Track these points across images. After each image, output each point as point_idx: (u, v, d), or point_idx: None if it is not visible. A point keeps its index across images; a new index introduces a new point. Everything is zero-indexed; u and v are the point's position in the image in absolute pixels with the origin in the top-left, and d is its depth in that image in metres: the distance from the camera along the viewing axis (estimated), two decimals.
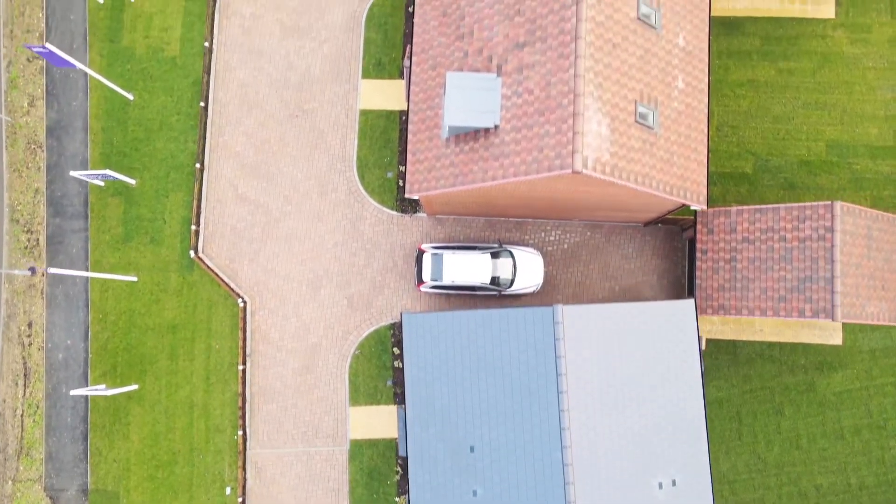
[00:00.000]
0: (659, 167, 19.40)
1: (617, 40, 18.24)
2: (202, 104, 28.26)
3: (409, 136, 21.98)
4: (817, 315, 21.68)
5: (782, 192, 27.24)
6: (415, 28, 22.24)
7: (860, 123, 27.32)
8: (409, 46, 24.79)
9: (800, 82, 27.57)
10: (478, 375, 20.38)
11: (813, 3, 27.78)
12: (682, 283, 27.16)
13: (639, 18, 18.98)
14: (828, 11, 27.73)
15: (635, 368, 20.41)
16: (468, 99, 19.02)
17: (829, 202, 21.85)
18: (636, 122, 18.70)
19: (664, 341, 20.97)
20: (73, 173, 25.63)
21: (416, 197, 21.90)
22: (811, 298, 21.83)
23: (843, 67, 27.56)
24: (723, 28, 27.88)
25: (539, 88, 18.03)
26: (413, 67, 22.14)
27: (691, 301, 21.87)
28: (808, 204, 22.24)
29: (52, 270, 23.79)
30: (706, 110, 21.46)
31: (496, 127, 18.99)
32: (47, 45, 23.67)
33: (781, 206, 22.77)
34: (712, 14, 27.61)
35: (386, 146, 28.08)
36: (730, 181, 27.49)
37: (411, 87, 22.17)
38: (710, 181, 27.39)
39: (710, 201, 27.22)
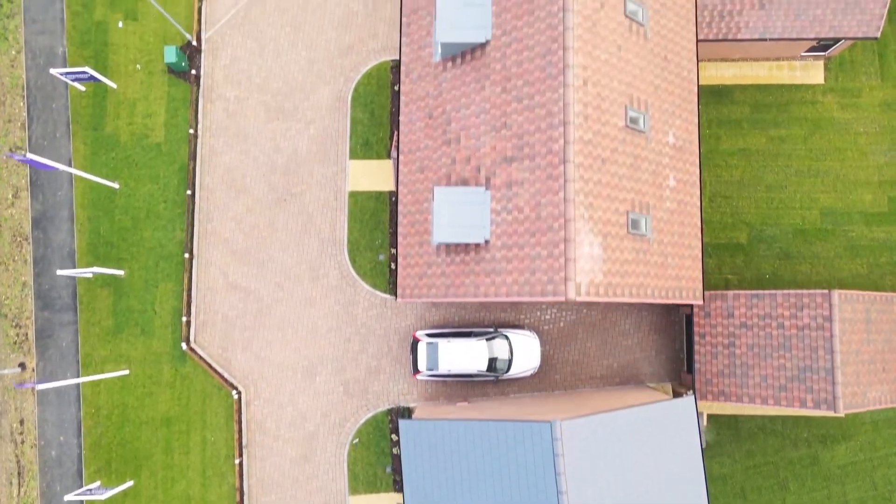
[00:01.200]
0: (653, 273, 19.11)
1: (606, 154, 17.96)
2: (189, 192, 27.91)
3: (399, 239, 21.67)
4: (819, 406, 21.41)
5: (778, 261, 26.99)
6: (401, 126, 21.95)
7: (854, 190, 27.09)
8: (396, 134, 24.46)
9: (791, 150, 27.33)
10: (477, 487, 20.04)
11: (801, 69, 27.57)
12: (680, 358, 26.85)
13: (627, 126, 18.72)
14: (817, 77, 27.52)
15: (637, 473, 20.08)
16: (457, 213, 18.72)
17: (827, 291, 21.60)
18: (629, 233, 18.41)
19: (666, 442, 20.67)
20: (59, 272, 25.25)
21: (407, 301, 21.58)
22: (812, 388, 21.56)
23: (835, 133, 27.34)
24: (712, 97, 27.64)
25: (529, 207, 17.73)
26: (401, 167, 21.83)
27: (691, 399, 21.58)
28: (805, 292, 21.98)
29: (41, 386, 23.38)
30: (699, 203, 21.21)
31: (487, 242, 18.68)
32: (29, 155, 23.31)
33: (778, 292, 22.50)
34: (701, 83, 27.48)
35: (377, 228, 27.75)
36: (725, 252, 27.22)
37: (399, 188, 21.84)
38: (705, 253, 27.18)
39: (706, 274, 26.95)
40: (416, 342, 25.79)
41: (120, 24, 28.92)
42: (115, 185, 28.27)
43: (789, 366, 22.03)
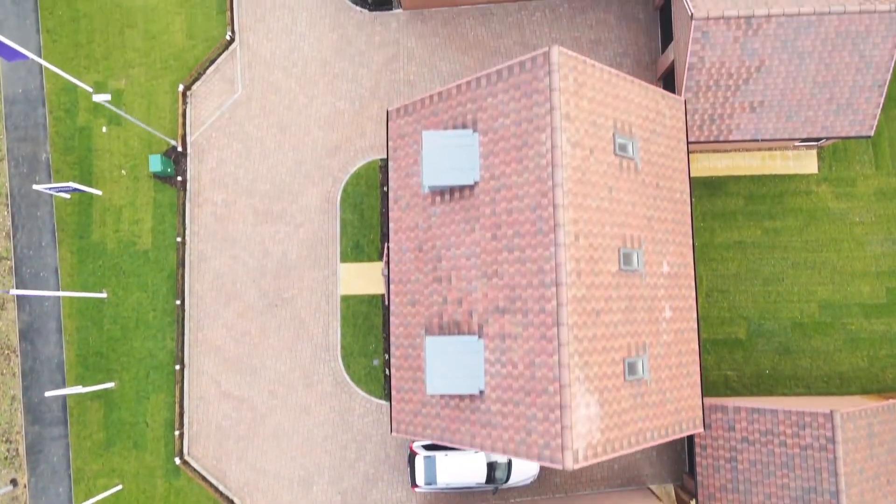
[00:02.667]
0: (652, 415, 18.73)
1: (600, 306, 17.59)
2: (178, 301, 27.47)
3: (393, 371, 21.27)
4: None
5: (778, 356, 26.63)
6: (391, 254, 21.57)
7: (851, 281, 26.76)
8: (386, 247, 24.05)
9: (787, 241, 27.00)
10: None
11: (795, 159, 27.26)
12: (682, 458, 26.47)
13: (621, 270, 18.36)
14: (810, 166, 27.22)
15: None
16: (450, 363, 18.34)
17: (829, 411, 21.25)
18: (626, 380, 18.04)
19: None
20: (48, 394, 24.78)
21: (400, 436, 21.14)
22: None
23: (830, 224, 27.02)
24: (705, 189, 27.32)
25: (523, 364, 17.35)
26: (392, 297, 21.43)
27: None
28: (806, 410, 21.64)
29: None
30: (696, 327, 20.86)
31: (481, 392, 18.29)
32: (13, 290, 22.88)
33: (780, 408, 22.14)
34: (694, 175, 27.17)
35: (370, 332, 27.34)
36: (723, 348, 26.86)
37: (392, 319, 21.43)
38: (703, 349, 26.84)
39: (704, 370, 26.63)
40: (413, 455, 25.36)
41: (104, 130, 28.52)
42: (103, 295, 27.82)
43: (793, 486, 21.67)
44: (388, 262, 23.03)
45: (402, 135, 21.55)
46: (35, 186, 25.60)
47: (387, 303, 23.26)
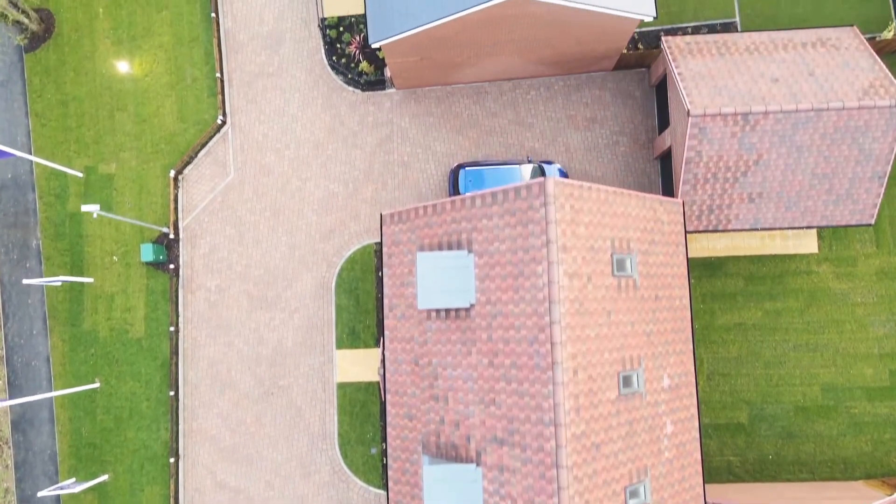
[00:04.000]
0: None
1: (600, 439, 17.24)
2: (171, 392, 27.08)
3: (391, 485, 20.89)
4: None
5: (781, 441, 26.27)
6: (387, 364, 21.22)
7: (854, 364, 26.41)
8: (382, 342, 23.67)
9: (788, 323, 26.66)
10: None
11: (795, 238, 26.93)
12: None
13: (620, 395, 18.01)
14: (810, 246, 26.88)
15: None
16: (448, 490, 17.96)
17: None
18: None
19: None
20: (40, 494, 24.39)
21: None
22: None
23: (832, 305, 26.68)
24: (705, 270, 26.98)
25: (522, 501, 16.98)
26: (388, 408, 21.07)
27: None
28: None
29: None
30: (697, 436, 20.50)
31: None
32: (3, 402, 22.50)
33: None
34: (693, 255, 26.85)
35: (367, 420, 26.95)
36: (725, 433, 26.49)
37: (388, 430, 21.07)
38: (705, 434, 26.48)
39: (706, 457, 26.27)
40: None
41: (95, 215, 28.12)
42: (96, 385, 27.43)
43: None
44: (383, 362, 22.69)
45: (397, 242, 21.21)
46: (25, 281, 25.21)
47: (383, 399, 22.89)
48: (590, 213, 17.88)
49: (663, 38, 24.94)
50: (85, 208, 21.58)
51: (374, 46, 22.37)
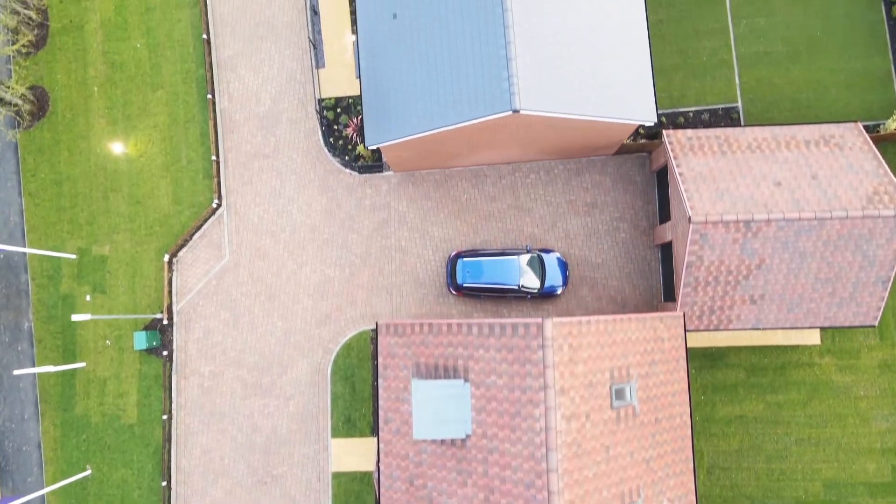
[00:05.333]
0: None
1: None
2: (164, 482, 26.69)
3: None
4: None
5: None
6: (381, 480, 20.84)
7: (856, 459, 26.02)
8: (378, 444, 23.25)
9: (790, 416, 26.27)
10: None
11: (796, 330, 26.55)
12: None
13: None
14: (813, 337, 26.50)
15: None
16: None
17: None
18: None
19: None
20: None
21: None
22: None
23: (834, 398, 26.30)
24: (706, 360, 26.60)
25: None
26: None
27: None
28: None
29: None
30: None
31: None
32: None
33: None
34: (693, 346, 26.47)
35: None
36: None
37: None
38: None
39: None
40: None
41: (88, 298, 27.79)
42: (87, 473, 27.05)
43: None
44: (378, 465, 22.29)
45: (393, 355, 20.84)
46: (16, 372, 24.85)
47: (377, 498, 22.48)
48: (588, 348, 17.53)
49: (665, 132, 24.61)
50: (76, 318, 21.22)
51: (370, 149, 22.08)
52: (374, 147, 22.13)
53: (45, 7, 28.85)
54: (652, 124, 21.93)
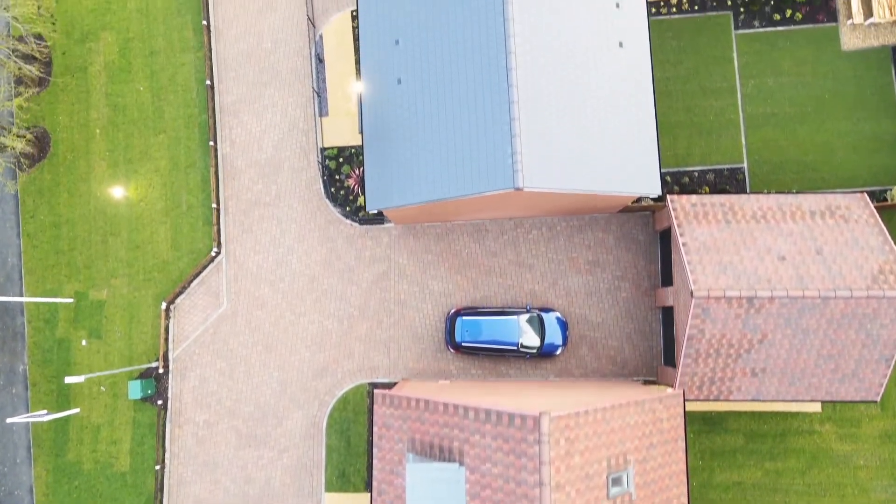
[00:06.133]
0: None
1: None
2: None
3: None
4: None
5: None
6: None
7: None
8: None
9: (789, 485, 25.99)
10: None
11: None
12: None
13: None
14: (813, 405, 26.20)
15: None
16: None
17: None
18: None
19: None
20: None
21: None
22: None
23: (833, 467, 26.00)
24: (704, 425, 26.33)
25: None
26: None
27: None
28: None
29: None
30: None
31: None
32: None
33: None
34: (692, 409, 26.19)
35: None
36: None
37: None
38: None
39: None
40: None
41: (83, 343, 27.62)
42: None
43: None
44: None
45: (388, 426, 20.61)
46: (9, 420, 24.66)
47: None
48: (586, 439, 17.28)
49: (669, 198, 24.36)
50: (69, 380, 21.02)
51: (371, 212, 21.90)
52: (376, 210, 21.92)
53: (48, 48, 28.69)
54: (656, 196, 21.71)
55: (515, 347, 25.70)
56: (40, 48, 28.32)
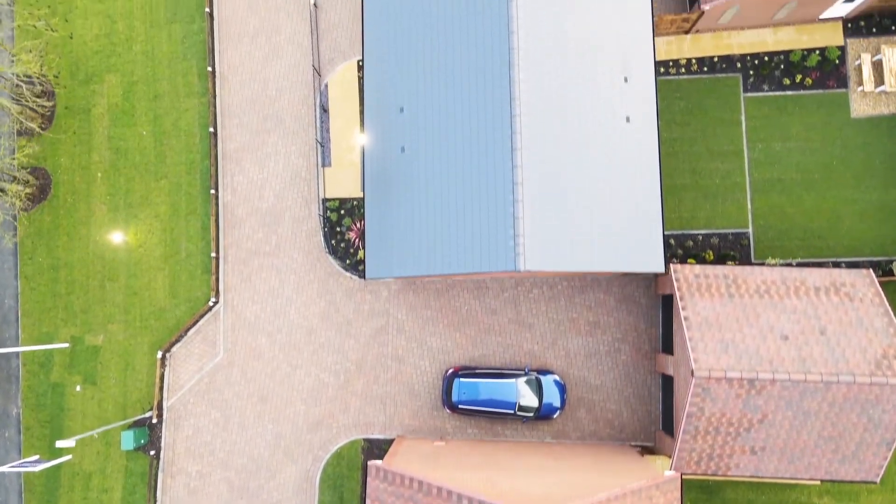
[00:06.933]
0: None
1: None
2: None
3: None
4: None
5: None
6: None
7: None
8: None
9: None
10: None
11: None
12: None
13: None
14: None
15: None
16: None
17: None
18: None
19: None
20: None
21: None
22: None
23: None
24: (702, 493, 26.04)
25: None
26: None
27: None
28: None
29: None
30: None
31: None
32: None
33: None
34: (690, 478, 25.90)
35: None
36: None
37: None
38: None
39: None
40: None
41: (78, 388, 27.43)
42: None
43: None
44: None
45: (381, 501, 20.36)
46: (2, 469, 24.45)
47: None
48: None
49: (672, 267, 24.09)
50: (60, 444, 20.81)
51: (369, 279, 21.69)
52: (375, 279, 21.71)
53: (52, 88, 28.53)
54: (661, 271, 21.45)
55: (512, 411, 25.45)
56: (44, 87, 28.15)
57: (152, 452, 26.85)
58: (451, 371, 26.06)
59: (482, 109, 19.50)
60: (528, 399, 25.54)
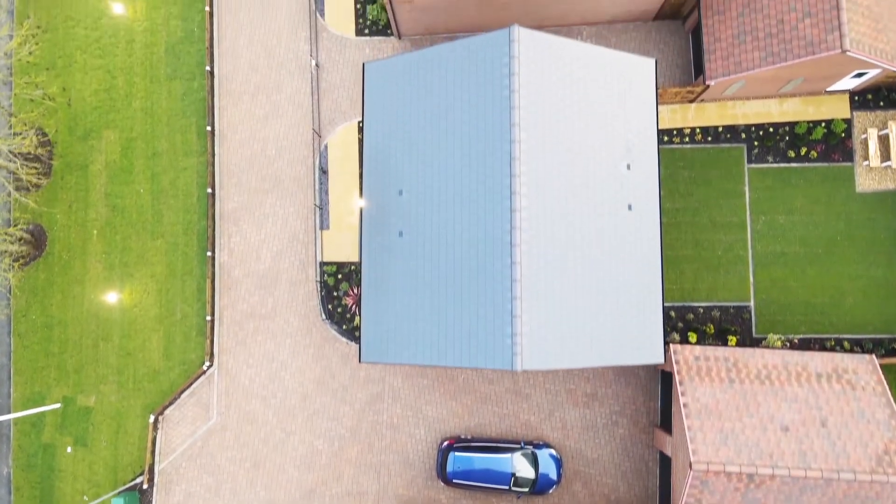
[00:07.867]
0: None
1: None
2: None
3: None
4: None
5: None
6: None
7: None
8: None
9: None
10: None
11: None
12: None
13: None
14: None
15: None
16: None
17: None
18: None
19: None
20: None
21: None
22: None
23: None
24: None
25: None
26: None
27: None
28: None
29: None
30: None
31: None
32: None
33: None
34: None
35: None
36: None
37: None
38: None
39: None
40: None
41: (69, 450, 27.13)
42: None
43: None
44: None
45: None
46: None
47: None
48: None
49: (672, 348, 23.77)
50: None
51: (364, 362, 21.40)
52: (369, 363, 21.42)
53: (50, 143, 28.27)
54: (662, 362, 21.14)
55: (508, 486, 25.12)
56: (42, 141, 27.89)
57: None
58: (445, 443, 25.73)
59: (482, 203, 19.21)
60: (524, 473, 25.21)
